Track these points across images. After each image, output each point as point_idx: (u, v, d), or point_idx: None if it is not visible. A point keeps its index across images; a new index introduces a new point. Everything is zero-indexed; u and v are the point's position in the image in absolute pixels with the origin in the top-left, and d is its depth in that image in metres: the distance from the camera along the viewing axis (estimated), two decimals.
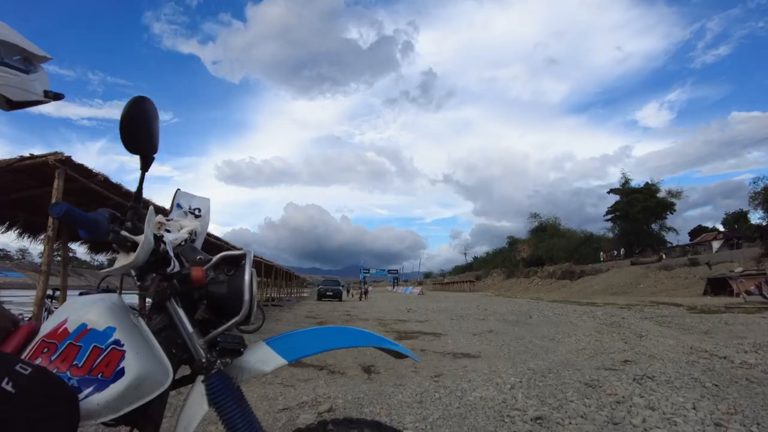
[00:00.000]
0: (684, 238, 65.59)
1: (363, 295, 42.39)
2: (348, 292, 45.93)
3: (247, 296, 1.10)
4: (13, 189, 7.14)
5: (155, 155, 1.12)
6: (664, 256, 48.03)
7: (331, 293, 35.28)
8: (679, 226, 63.35)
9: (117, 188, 7.12)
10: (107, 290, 1.20)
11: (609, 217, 65.12)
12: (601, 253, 62.69)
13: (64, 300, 9.29)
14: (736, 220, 63.02)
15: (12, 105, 1.15)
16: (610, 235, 67.30)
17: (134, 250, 1.06)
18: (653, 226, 59.94)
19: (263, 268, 25.03)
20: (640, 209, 56.86)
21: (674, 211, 58.95)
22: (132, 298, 8.90)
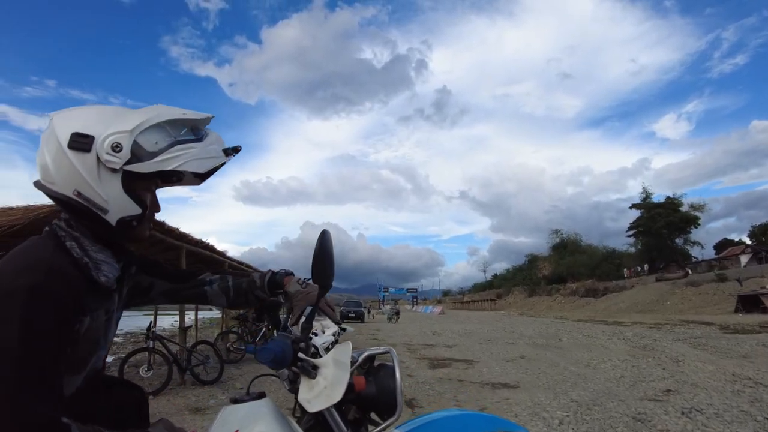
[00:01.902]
0: (709, 252, 64.44)
1: (395, 317, 36.54)
2: (369, 312, 43.90)
3: (400, 398, 1.19)
4: None
5: (331, 284, 1.24)
6: (690, 272, 47.08)
7: (353, 315, 35.34)
8: (703, 238, 61.98)
9: (171, 232, 7.37)
10: (258, 395, 1.25)
11: (631, 232, 64.28)
12: (624, 270, 61.72)
13: None
14: (763, 233, 61.62)
15: (201, 176, 1.19)
16: (632, 250, 66.39)
17: (316, 371, 1.15)
18: (677, 240, 58.96)
19: None
20: (663, 224, 56.01)
21: (698, 225, 57.94)
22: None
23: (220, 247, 12.04)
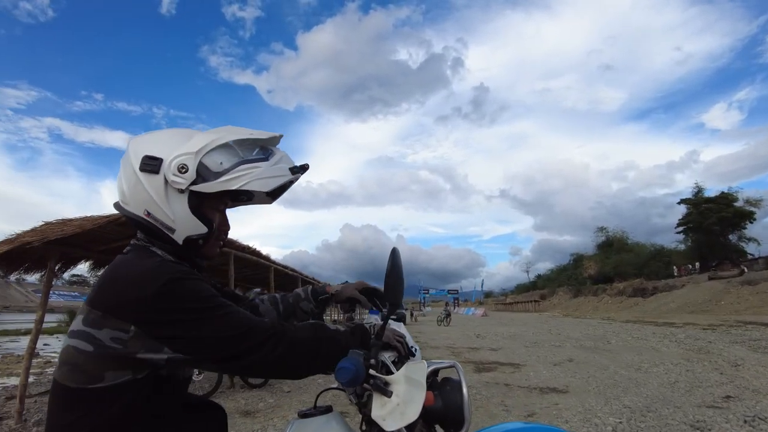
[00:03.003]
0: (767, 249, 61.19)
1: (446, 319, 33.49)
2: (411, 315, 42.76)
3: (468, 413, 1.18)
4: (115, 238, 7.75)
5: (401, 303, 1.26)
6: (745, 270, 44.83)
7: (395, 317, 35.25)
8: (760, 234, 58.36)
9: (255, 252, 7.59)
10: (325, 409, 1.27)
11: (680, 229, 61.87)
12: (674, 268, 59.35)
13: None
14: None
15: (271, 195, 1.23)
16: (682, 247, 63.92)
17: (388, 387, 1.15)
18: (730, 237, 56.31)
19: None
20: (714, 220, 53.61)
21: (754, 220, 55.14)
22: None
23: (263, 250, 12.28)
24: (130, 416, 1.05)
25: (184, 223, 1.12)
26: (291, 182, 1.22)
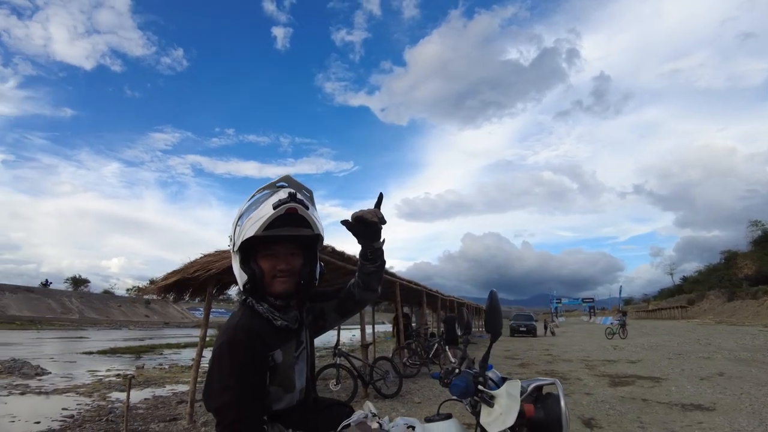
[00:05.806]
0: None
1: (621, 330, 27.87)
2: (546, 328, 39.78)
3: (565, 423, 1.41)
4: None
5: (500, 333, 1.59)
6: None
7: (524, 329, 34.06)
8: None
9: (340, 254, 8.28)
10: (446, 416, 1.56)
11: None
12: None
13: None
14: None
15: (279, 242, 1.55)
16: None
17: (493, 400, 1.47)
18: None
19: (455, 306, 25.80)
20: None
21: None
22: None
23: (386, 264, 12.90)
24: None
25: (239, 276, 1.52)
26: (292, 218, 1.45)
